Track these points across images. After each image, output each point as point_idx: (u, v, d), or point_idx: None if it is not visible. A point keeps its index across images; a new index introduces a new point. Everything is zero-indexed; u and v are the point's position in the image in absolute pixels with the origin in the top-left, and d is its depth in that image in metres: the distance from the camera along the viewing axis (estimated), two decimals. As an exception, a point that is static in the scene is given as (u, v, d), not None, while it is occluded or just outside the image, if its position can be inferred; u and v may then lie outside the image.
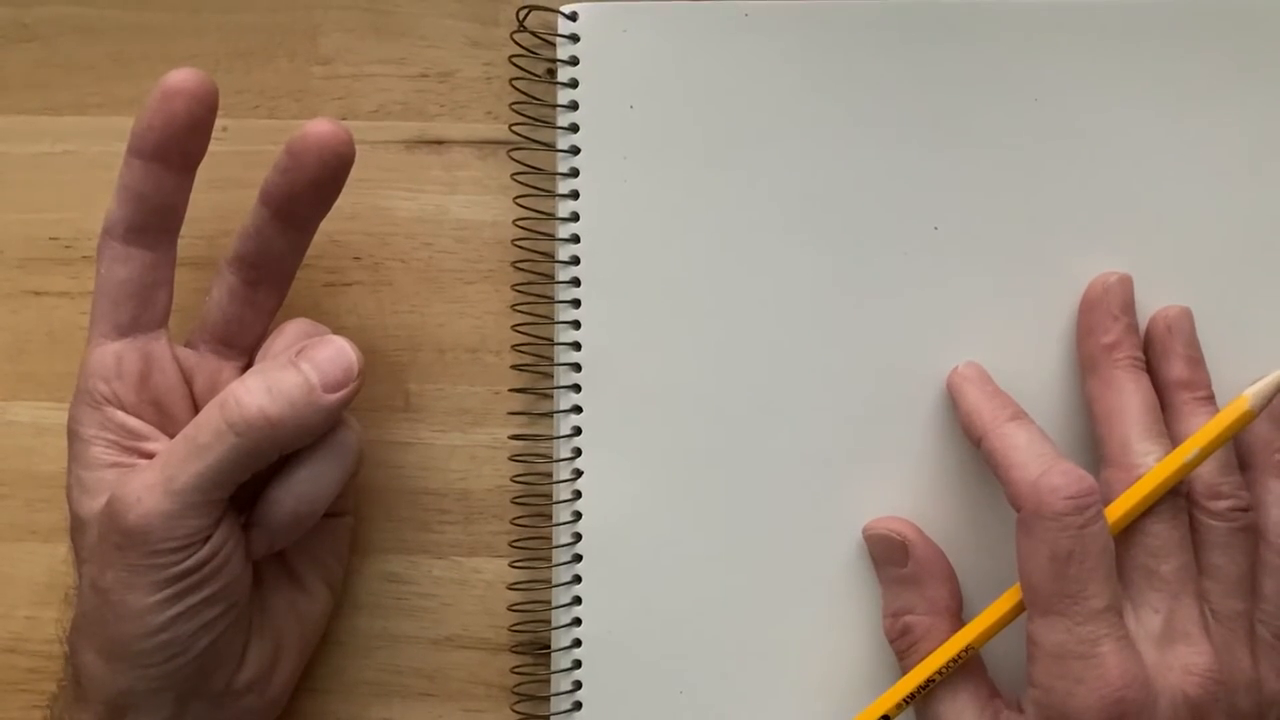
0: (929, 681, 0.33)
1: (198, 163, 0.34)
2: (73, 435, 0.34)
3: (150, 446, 0.33)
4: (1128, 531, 0.32)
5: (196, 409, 0.35)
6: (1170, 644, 0.31)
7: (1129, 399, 0.33)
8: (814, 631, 0.36)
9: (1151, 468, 0.32)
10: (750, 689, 0.36)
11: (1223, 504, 0.32)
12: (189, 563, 0.32)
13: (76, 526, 0.34)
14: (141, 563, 0.31)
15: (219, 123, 0.33)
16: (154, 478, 0.31)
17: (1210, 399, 0.34)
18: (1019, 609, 0.32)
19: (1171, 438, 0.33)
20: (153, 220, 0.33)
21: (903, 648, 0.34)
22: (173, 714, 0.33)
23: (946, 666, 0.33)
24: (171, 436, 0.33)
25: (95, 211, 0.34)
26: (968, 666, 0.33)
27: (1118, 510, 0.31)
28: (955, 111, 0.35)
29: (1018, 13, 0.35)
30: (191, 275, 0.37)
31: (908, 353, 0.36)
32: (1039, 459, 0.31)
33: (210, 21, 0.38)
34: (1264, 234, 0.35)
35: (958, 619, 0.34)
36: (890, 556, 0.35)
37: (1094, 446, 0.34)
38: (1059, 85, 0.35)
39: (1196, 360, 0.34)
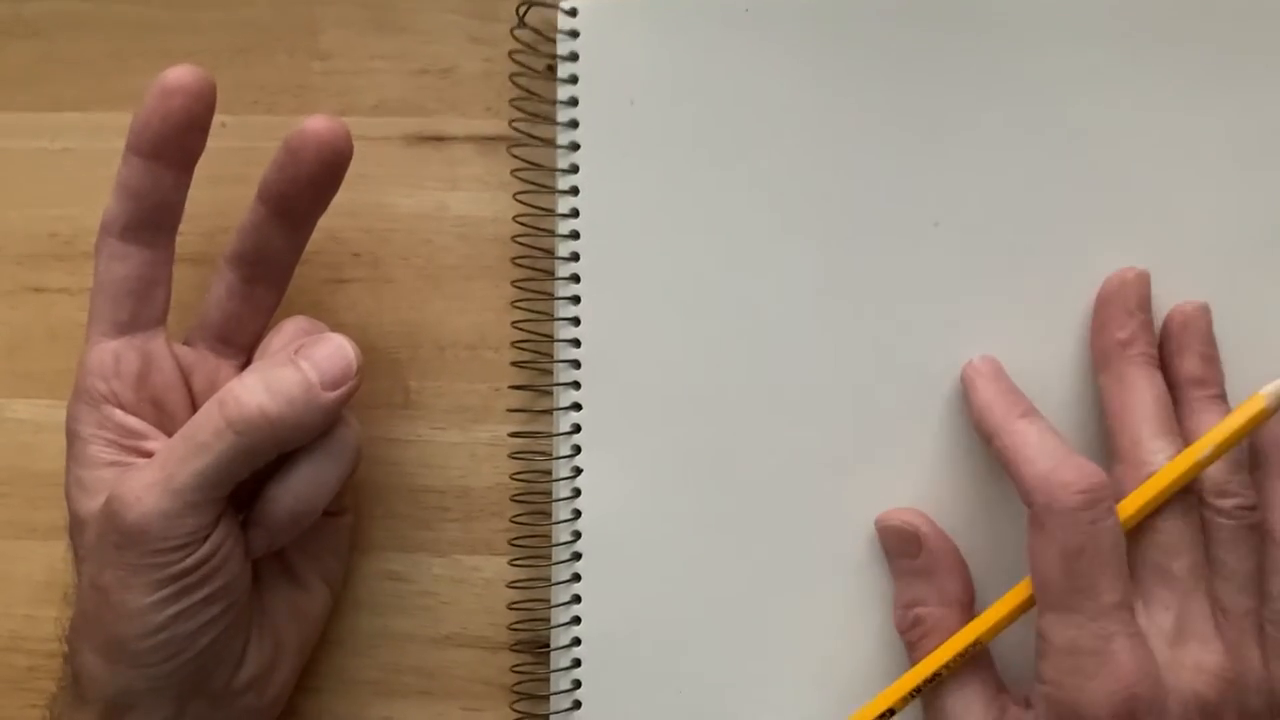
0: (936, 675, 0.33)
1: (196, 160, 0.34)
2: (71, 434, 0.34)
3: (149, 445, 0.33)
4: (1139, 528, 0.31)
5: (195, 407, 0.35)
6: (1182, 642, 0.30)
7: (1141, 395, 0.33)
8: (815, 629, 0.36)
9: (1163, 464, 0.31)
10: (751, 687, 0.36)
11: (1230, 502, 0.32)
12: (188, 562, 0.31)
13: (75, 525, 0.33)
14: (140, 562, 0.31)
15: (218, 118, 0.33)
16: (153, 476, 0.31)
17: (1222, 397, 0.33)
18: (1029, 604, 0.32)
19: (1181, 435, 0.32)
20: (151, 217, 0.33)
21: (913, 639, 0.34)
22: (172, 713, 0.33)
23: (954, 660, 0.32)
24: (170, 435, 0.33)
25: (95, 208, 0.34)
26: (976, 661, 0.33)
27: (1129, 507, 0.31)
28: (957, 106, 0.35)
29: (1020, 6, 0.35)
30: (190, 272, 0.37)
31: (908, 348, 0.35)
32: (1050, 454, 0.31)
33: (210, 17, 0.38)
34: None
35: (969, 612, 0.34)
36: (903, 548, 0.35)
37: (1105, 442, 0.33)
38: (1062, 78, 0.35)
39: (1211, 357, 0.34)
